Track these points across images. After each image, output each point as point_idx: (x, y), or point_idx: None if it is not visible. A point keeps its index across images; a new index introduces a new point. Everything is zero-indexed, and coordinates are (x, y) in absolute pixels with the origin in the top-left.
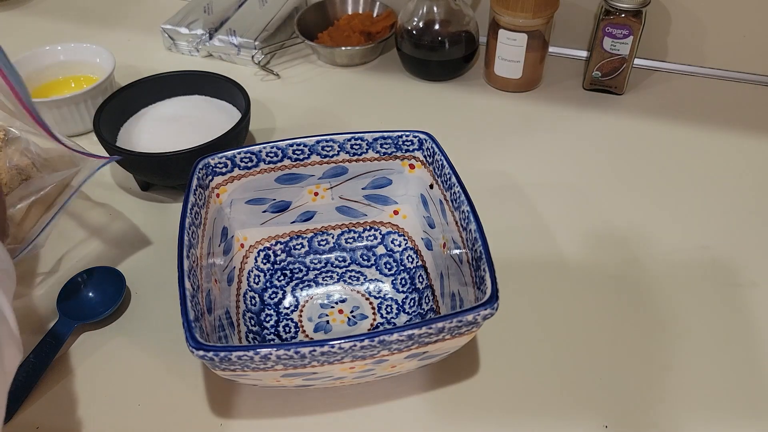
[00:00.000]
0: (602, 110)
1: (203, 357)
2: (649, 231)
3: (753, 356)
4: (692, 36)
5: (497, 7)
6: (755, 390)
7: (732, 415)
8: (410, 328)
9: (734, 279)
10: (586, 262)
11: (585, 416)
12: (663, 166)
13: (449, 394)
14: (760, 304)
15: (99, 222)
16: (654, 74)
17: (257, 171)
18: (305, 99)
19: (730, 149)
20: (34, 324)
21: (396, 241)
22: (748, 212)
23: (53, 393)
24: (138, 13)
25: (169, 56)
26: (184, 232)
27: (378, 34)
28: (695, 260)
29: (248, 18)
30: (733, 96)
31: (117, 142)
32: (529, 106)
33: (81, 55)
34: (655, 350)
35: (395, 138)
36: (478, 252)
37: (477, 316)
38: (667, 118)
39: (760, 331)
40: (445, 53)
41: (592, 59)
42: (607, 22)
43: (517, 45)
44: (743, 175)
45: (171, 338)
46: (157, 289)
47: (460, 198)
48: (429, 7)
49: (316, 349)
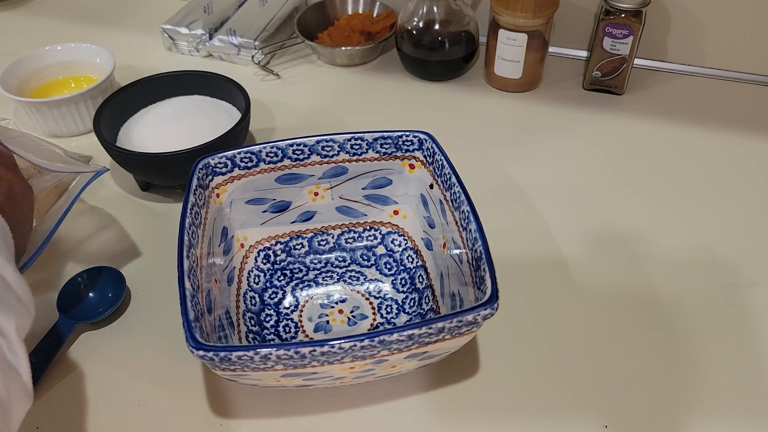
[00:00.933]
0: (602, 110)
1: (203, 357)
2: (648, 231)
3: (753, 356)
4: (692, 36)
5: (497, 7)
6: (756, 390)
7: (732, 414)
8: (410, 328)
9: (734, 279)
10: (586, 261)
11: (585, 416)
12: (663, 166)
13: (449, 394)
14: (760, 304)
15: (99, 222)
16: (654, 74)
17: (257, 171)
18: (305, 99)
19: (731, 149)
20: (34, 324)
21: (396, 241)
22: (748, 212)
23: (53, 393)
24: (138, 13)
25: (169, 56)
26: (184, 232)
27: (378, 34)
28: (695, 260)
29: (248, 18)
30: (733, 96)
31: (117, 142)
32: (529, 106)
33: (81, 55)
34: (655, 350)
35: (395, 138)
36: (478, 252)
37: (477, 316)
38: (667, 117)
39: (760, 331)
40: (445, 53)
41: (592, 59)
42: (607, 22)
43: (518, 45)
44: (743, 175)
45: (171, 338)
46: (156, 289)
47: (460, 198)
48: (429, 7)
49: (316, 349)
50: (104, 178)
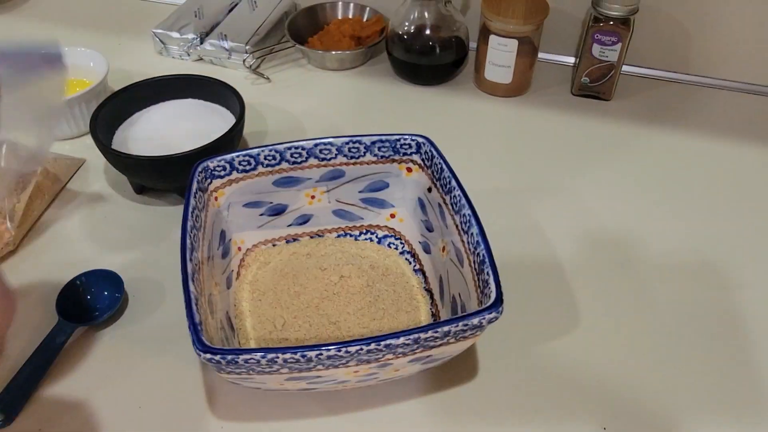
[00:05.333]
0: (590, 115)
1: (210, 360)
2: (640, 234)
3: (745, 357)
4: (679, 44)
5: (488, 13)
6: (751, 391)
7: (728, 415)
8: (416, 331)
9: (724, 282)
10: (579, 264)
11: (584, 418)
12: (651, 171)
13: (449, 397)
14: (750, 307)
15: (94, 225)
16: (642, 81)
17: (255, 174)
18: (296, 102)
19: (717, 155)
20: (33, 328)
21: (392, 244)
22: (736, 216)
23: (54, 396)
24: (129, 17)
25: (160, 60)
26: (187, 235)
27: (368, 39)
28: (686, 263)
29: (239, 22)
30: (719, 103)
31: (112, 145)
32: (519, 111)
33: (74, 59)
34: (652, 352)
35: (393, 141)
36: (480, 255)
37: (482, 320)
38: (655, 123)
39: (751, 332)
40: (436, 58)
41: (580, 65)
42: (596, 29)
43: (508, 50)
44: (732, 180)
45: (170, 341)
46: (153, 291)
47: (461, 201)
48: (420, 13)
49: (322, 353)
50: (99, 182)
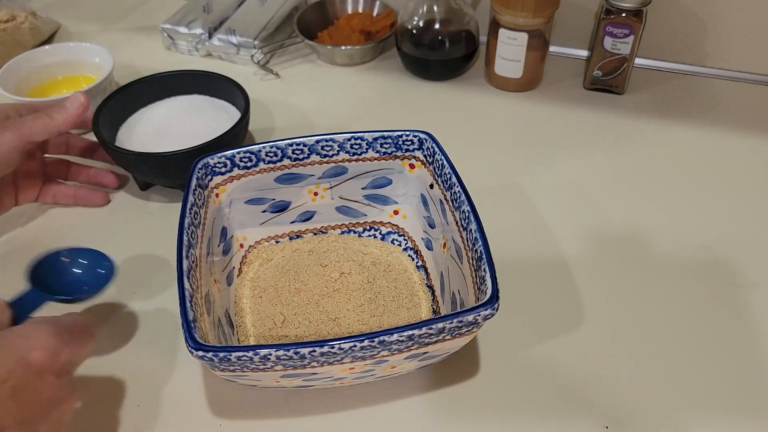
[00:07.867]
0: (603, 110)
1: (202, 357)
2: (649, 231)
3: (753, 356)
4: (693, 35)
5: (498, 7)
6: (755, 390)
7: (732, 415)
8: (410, 328)
9: (735, 279)
10: (587, 261)
11: (585, 417)
12: (663, 165)
13: (449, 394)
14: (761, 305)
15: (98, 222)
16: (655, 74)
17: (257, 171)
18: (305, 98)
19: (731, 149)
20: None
21: (396, 241)
22: (750, 212)
23: None
24: (137, 13)
25: (169, 56)
26: (183, 232)
27: (378, 34)
28: (696, 260)
29: (248, 17)
30: (733, 95)
31: (116, 141)
32: (530, 106)
33: (80, 55)
34: (655, 350)
35: (395, 138)
36: (478, 252)
37: (477, 317)
38: (668, 117)
39: (761, 331)
40: (446, 52)
41: (592, 59)
42: (607, 22)
43: (518, 44)
44: (745, 175)
45: (170, 338)
46: (156, 288)
47: (461, 198)
48: (429, 7)
49: (315, 350)
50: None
